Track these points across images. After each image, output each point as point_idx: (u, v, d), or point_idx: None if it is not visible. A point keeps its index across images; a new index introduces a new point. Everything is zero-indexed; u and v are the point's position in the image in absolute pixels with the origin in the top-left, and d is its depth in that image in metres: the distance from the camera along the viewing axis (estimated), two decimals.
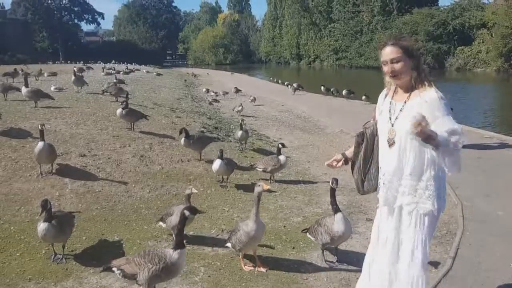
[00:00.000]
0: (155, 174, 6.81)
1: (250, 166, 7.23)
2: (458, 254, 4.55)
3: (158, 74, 30.32)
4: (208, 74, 43.32)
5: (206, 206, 5.91)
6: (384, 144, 2.90)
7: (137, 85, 18.81)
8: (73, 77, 13.46)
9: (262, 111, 16.27)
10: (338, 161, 3.19)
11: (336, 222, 4.11)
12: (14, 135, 7.34)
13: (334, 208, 4.17)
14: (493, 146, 9.87)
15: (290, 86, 24.29)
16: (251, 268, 4.22)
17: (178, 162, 7.40)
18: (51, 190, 5.90)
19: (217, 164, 6.44)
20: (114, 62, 46.38)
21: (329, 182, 4.30)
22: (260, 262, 4.27)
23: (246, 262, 4.30)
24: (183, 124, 9.95)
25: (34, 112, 9.17)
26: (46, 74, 20.37)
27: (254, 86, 27.58)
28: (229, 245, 4.31)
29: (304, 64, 74.67)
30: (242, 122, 9.17)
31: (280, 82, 30.07)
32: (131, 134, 8.34)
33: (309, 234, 4.49)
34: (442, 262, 4.38)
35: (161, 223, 4.79)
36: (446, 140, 2.41)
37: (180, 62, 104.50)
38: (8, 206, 5.39)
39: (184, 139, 7.39)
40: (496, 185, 6.96)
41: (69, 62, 49.46)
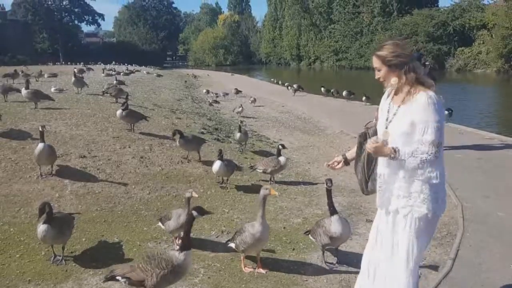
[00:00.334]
0: (155, 175, 6.80)
1: (250, 167, 7.22)
2: (458, 255, 4.54)
3: (158, 75, 30.35)
4: (208, 75, 43.27)
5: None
6: None
7: (137, 86, 18.83)
8: (73, 78, 13.47)
9: (262, 112, 16.26)
10: (338, 162, 3.22)
11: (333, 223, 4.12)
12: (14, 137, 7.35)
13: (331, 210, 4.18)
14: (493, 147, 9.86)
15: (290, 87, 24.26)
16: (251, 269, 4.22)
17: (178, 163, 7.39)
18: (51, 191, 5.89)
19: (217, 165, 6.44)
20: (114, 63, 46.39)
21: None
22: (260, 264, 4.26)
23: (247, 264, 4.30)
24: (183, 125, 9.96)
25: (34, 113, 9.18)
26: (46, 75, 20.39)
27: (254, 87, 27.57)
28: (232, 245, 4.30)
29: (304, 65, 74.71)
30: (240, 123, 9.16)
31: (280, 83, 30.03)
32: (131, 135, 8.34)
33: (311, 236, 4.49)
34: (442, 264, 4.38)
35: (160, 224, 4.78)
36: (407, 155, 2.63)
37: (180, 63, 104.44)
38: (7, 207, 5.39)
39: (179, 140, 7.35)
40: (496, 186, 6.94)
41: (69, 63, 49.45)
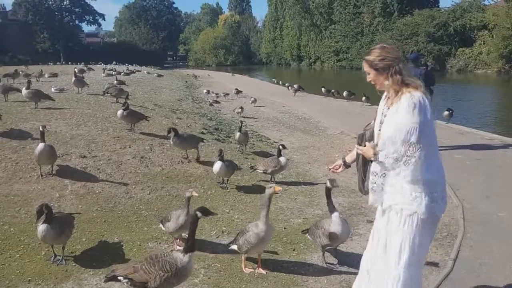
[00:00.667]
0: (156, 175, 6.80)
1: (250, 168, 7.21)
2: (459, 256, 4.55)
3: (159, 75, 30.35)
4: (208, 75, 43.30)
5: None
6: None
7: (137, 86, 18.82)
8: (73, 78, 13.49)
9: (262, 112, 16.25)
10: (339, 166, 3.31)
11: (332, 223, 4.11)
12: (15, 136, 7.35)
13: (330, 208, 4.17)
14: (493, 147, 9.85)
15: (290, 87, 24.26)
16: (251, 270, 4.21)
17: (178, 163, 7.39)
18: (51, 191, 5.89)
19: (218, 165, 6.43)
20: (115, 63, 46.43)
21: None
22: (261, 264, 4.25)
23: (247, 264, 4.29)
24: (184, 125, 9.96)
25: (35, 113, 9.18)
26: (47, 75, 20.43)
27: (254, 87, 27.58)
28: (234, 247, 4.25)
29: (304, 65, 74.68)
30: (241, 124, 9.16)
31: (280, 83, 30.05)
32: (132, 135, 8.34)
33: (308, 235, 4.49)
34: (443, 264, 4.38)
35: (161, 225, 4.78)
36: (384, 156, 2.78)
37: (181, 63, 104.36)
38: (8, 207, 5.39)
39: (173, 138, 7.28)
40: (497, 186, 6.94)
41: (70, 63, 49.51)
